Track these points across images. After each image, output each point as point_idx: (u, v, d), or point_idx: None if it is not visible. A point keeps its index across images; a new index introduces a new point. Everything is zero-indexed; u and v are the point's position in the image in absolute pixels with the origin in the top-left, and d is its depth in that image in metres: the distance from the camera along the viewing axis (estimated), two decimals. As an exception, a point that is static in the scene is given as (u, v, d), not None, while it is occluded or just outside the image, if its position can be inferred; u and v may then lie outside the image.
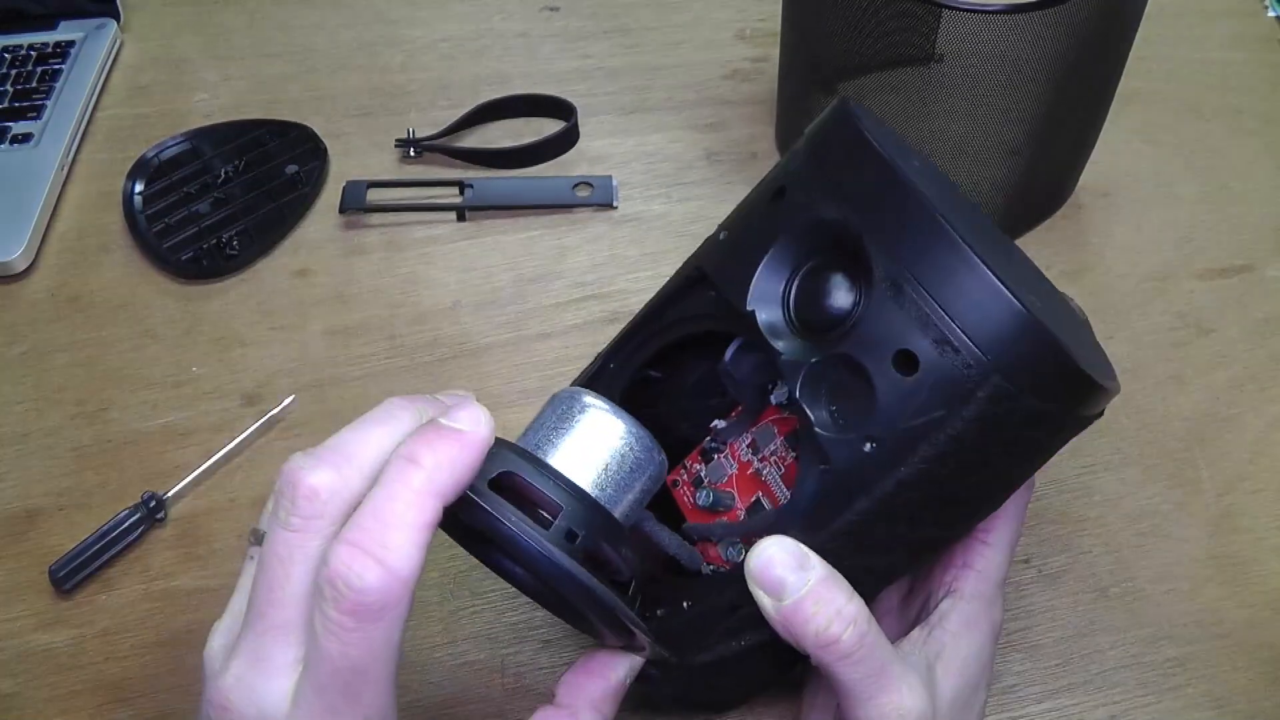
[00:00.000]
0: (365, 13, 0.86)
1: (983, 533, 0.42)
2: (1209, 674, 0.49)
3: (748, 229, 0.41)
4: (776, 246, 0.38)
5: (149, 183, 0.72)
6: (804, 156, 0.39)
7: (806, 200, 0.38)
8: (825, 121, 0.39)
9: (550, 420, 0.35)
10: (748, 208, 0.42)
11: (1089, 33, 0.56)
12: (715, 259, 0.41)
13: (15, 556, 0.55)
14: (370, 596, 0.28)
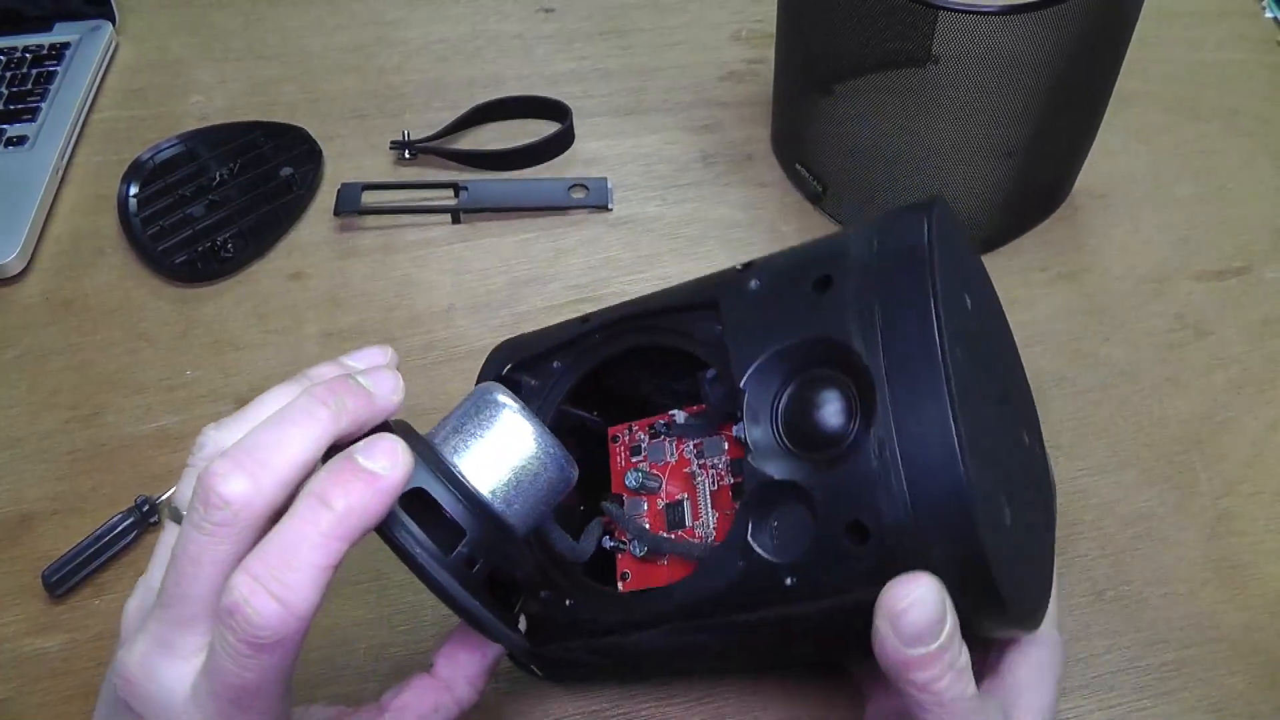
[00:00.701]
0: (360, 15, 0.86)
1: (1010, 706, 0.39)
2: (1206, 678, 0.49)
3: (777, 304, 0.38)
4: (795, 344, 0.36)
5: (144, 185, 0.72)
6: (864, 247, 0.37)
7: (843, 309, 0.35)
8: (902, 221, 0.37)
9: (469, 422, 0.35)
10: (788, 278, 0.38)
11: (1085, 34, 0.56)
12: (734, 308, 0.39)
13: (8, 561, 0.54)
14: (266, 633, 0.29)
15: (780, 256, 0.40)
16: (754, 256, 0.67)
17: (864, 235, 0.37)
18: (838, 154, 0.67)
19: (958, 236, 0.39)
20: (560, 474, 0.36)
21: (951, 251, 0.37)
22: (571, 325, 0.45)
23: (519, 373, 0.44)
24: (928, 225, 0.36)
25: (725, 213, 0.70)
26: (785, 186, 0.72)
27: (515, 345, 0.47)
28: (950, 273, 0.35)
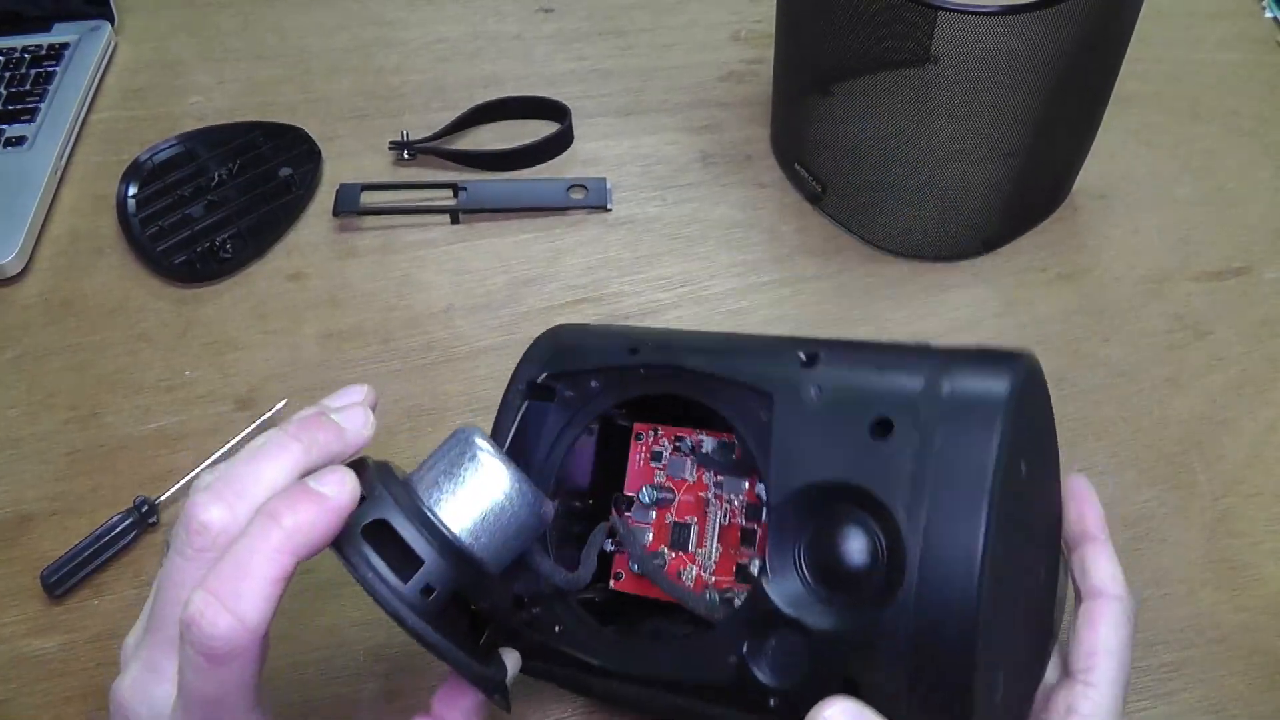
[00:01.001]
0: (359, 15, 0.86)
1: (1082, 672, 0.38)
2: (1205, 679, 0.49)
3: (831, 434, 0.35)
4: (839, 485, 0.34)
5: (143, 186, 0.72)
6: (936, 391, 0.34)
7: (896, 470, 0.33)
8: (983, 377, 0.34)
9: (443, 461, 0.36)
10: (848, 405, 0.35)
11: (1085, 34, 0.56)
12: (788, 418, 0.36)
13: (7, 562, 0.54)
14: (218, 643, 0.31)
15: (847, 360, 0.37)
16: (752, 255, 0.67)
17: (940, 371, 0.35)
18: (837, 154, 0.67)
19: (1037, 391, 0.38)
20: (532, 514, 0.36)
21: (1025, 411, 0.35)
22: (617, 343, 0.42)
23: (556, 381, 0.43)
24: (1009, 393, 0.33)
25: (724, 213, 0.70)
26: (784, 187, 0.72)
27: (561, 344, 0.44)
28: (1016, 439, 0.33)
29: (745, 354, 0.39)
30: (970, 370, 0.35)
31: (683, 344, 0.41)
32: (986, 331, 0.63)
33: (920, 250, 0.67)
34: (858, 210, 0.68)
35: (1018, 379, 0.34)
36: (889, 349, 0.38)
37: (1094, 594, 0.39)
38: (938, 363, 0.35)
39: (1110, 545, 0.40)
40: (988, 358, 0.35)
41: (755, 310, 0.65)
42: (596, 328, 0.46)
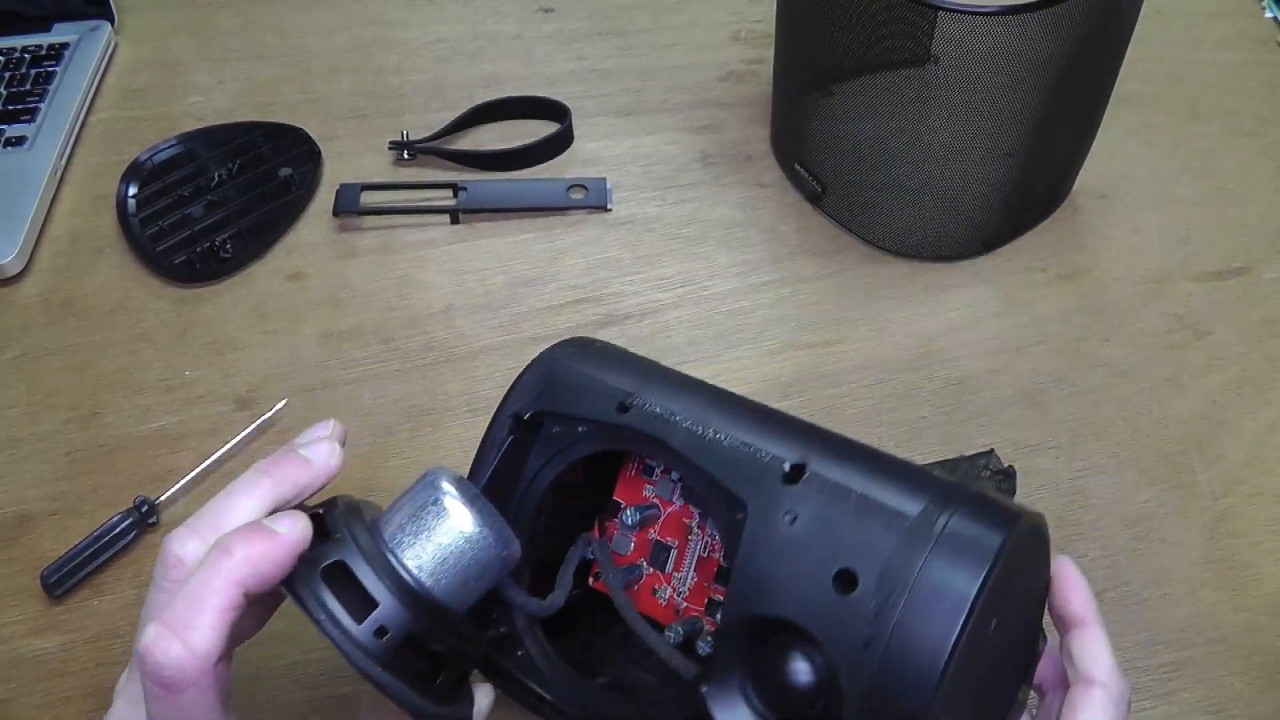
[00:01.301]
0: (359, 15, 0.86)
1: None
2: (1205, 679, 0.49)
3: (797, 569, 0.34)
4: (796, 625, 0.33)
5: (143, 186, 0.72)
6: (899, 565, 0.32)
7: (852, 630, 0.32)
8: (960, 550, 0.32)
9: (409, 504, 0.36)
10: (818, 545, 0.34)
11: (1085, 34, 0.56)
12: (758, 538, 0.35)
13: (7, 562, 0.54)
14: (169, 671, 0.32)
15: (831, 487, 0.35)
16: (752, 255, 0.67)
17: (921, 531, 0.33)
18: (837, 154, 0.67)
19: (1027, 554, 0.36)
20: (496, 558, 0.36)
21: (1005, 579, 0.33)
22: (609, 394, 0.41)
23: (545, 417, 0.43)
24: (979, 587, 0.31)
25: (724, 213, 0.70)
26: (784, 187, 0.72)
27: (555, 380, 0.43)
28: (985, 615, 0.32)
29: (733, 444, 0.37)
30: (950, 547, 0.32)
31: (676, 412, 0.39)
32: (986, 331, 0.63)
33: (920, 250, 0.67)
34: (858, 210, 0.68)
35: (995, 564, 0.32)
36: (884, 475, 0.35)
37: (1079, 680, 0.38)
38: (924, 517, 0.33)
39: (1099, 628, 0.38)
40: (980, 524, 0.33)
41: (755, 310, 0.65)
42: (594, 361, 0.43)
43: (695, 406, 0.39)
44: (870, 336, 0.63)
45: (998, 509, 0.34)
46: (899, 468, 0.36)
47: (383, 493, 0.56)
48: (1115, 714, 0.37)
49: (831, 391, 0.60)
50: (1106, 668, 0.37)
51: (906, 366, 0.62)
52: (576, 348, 0.44)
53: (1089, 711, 0.37)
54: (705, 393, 0.40)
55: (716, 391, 0.41)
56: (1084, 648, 0.38)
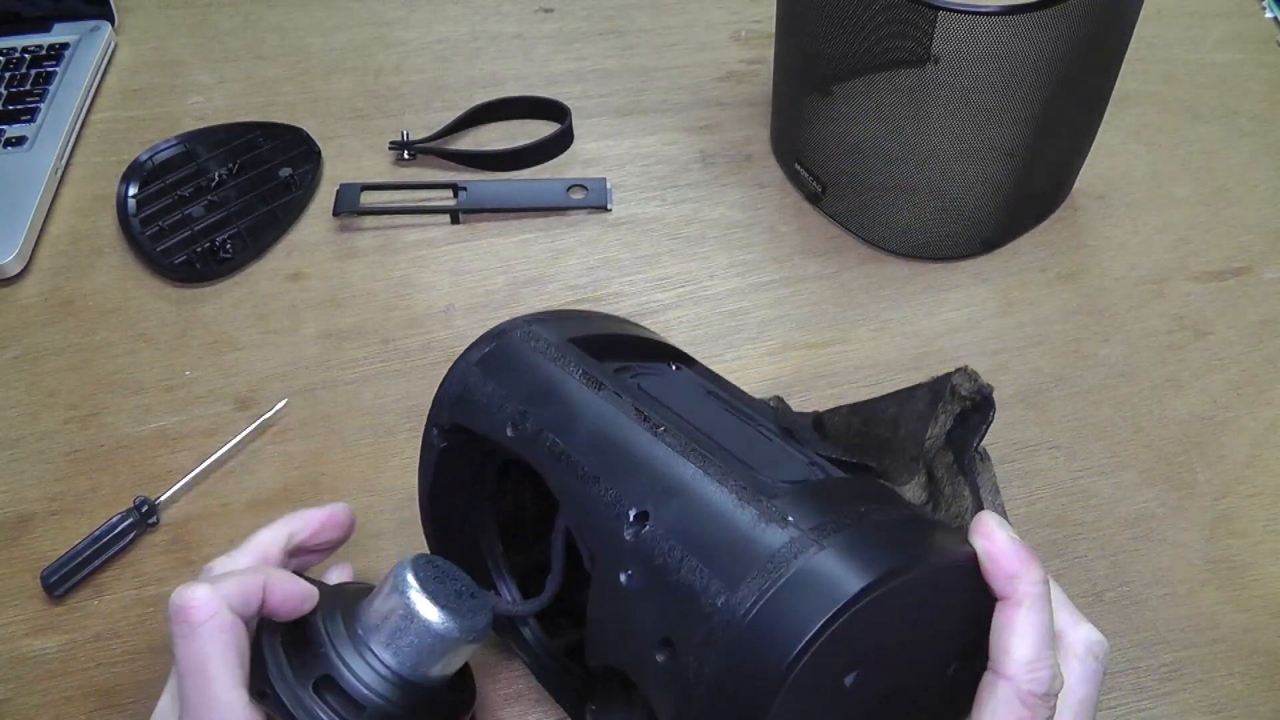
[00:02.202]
0: (359, 15, 0.86)
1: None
2: (1205, 679, 0.49)
3: (625, 631, 0.34)
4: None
5: (143, 186, 0.72)
6: (715, 638, 0.31)
7: (667, 694, 0.32)
8: (774, 633, 0.30)
9: (382, 603, 0.39)
10: (646, 607, 0.33)
11: (1085, 34, 0.56)
12: (601, 584, 0.35)
13: (6, 562, 0.54)
14: (190, 604, 0.36)
15: (667, 539, 0.34)
16: (752, 255, 0.67)
17: (747, 604, 0.31)
18: (837, 154, 0.67)
19: (937, 589, 0.33)
20: (469, 638, 0.39)
21: (876, 624, 0.31)
22: (501, 414, 0.40)
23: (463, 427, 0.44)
24: (780, 679, 0.29)
25: (724, 213, 0.70)
26: (784, 187, 0.72)
27: (465, 389, 0.42)
28: (840, 660, 0.30)
29: (596, 484, 0.36)
30: (769, 624, 0.30)
31: (560, 438, 0.38)
32: (986, 331, 0.63)
33: (920, 250, 0.67)
34: (858, 210, 0.68)
35: (828, 623, 0.29)
36: (743, 508, 0.33)
37: (990, 668, 0.33)
38: (750, 586, 0.31)
39: (1026, 607, 0.32)
40: (806, 605, 0.30)
41: (755, 310, 0.65)
42: (500, 367, 0.42)
43: (582, 429, 0.38)
44: (870, 336, 0.63)
45: (837, 575, 0.30)
46: (748, 516, 0.33)
47: (382, 492, 0.56)
48: (1023, 715, 0.32)
49: (831, 391, 0.60)
50: (1017, 660, 0.32)
51: (906, 366, 0.62)
52: (494, 344, 0.43)
53: (989, 707, 0.32)
54: (605, 406, 0.39)
55: (612, 408, 0.39)
56: (997, 632, 0.33)
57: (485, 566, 0.46)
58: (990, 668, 0.33)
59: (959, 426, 0.43)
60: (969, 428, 0.43)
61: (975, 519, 0.34)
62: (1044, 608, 0.33)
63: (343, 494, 0.56)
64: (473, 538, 0.46)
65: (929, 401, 0.44)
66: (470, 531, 0.46)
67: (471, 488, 0.45)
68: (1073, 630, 0.35)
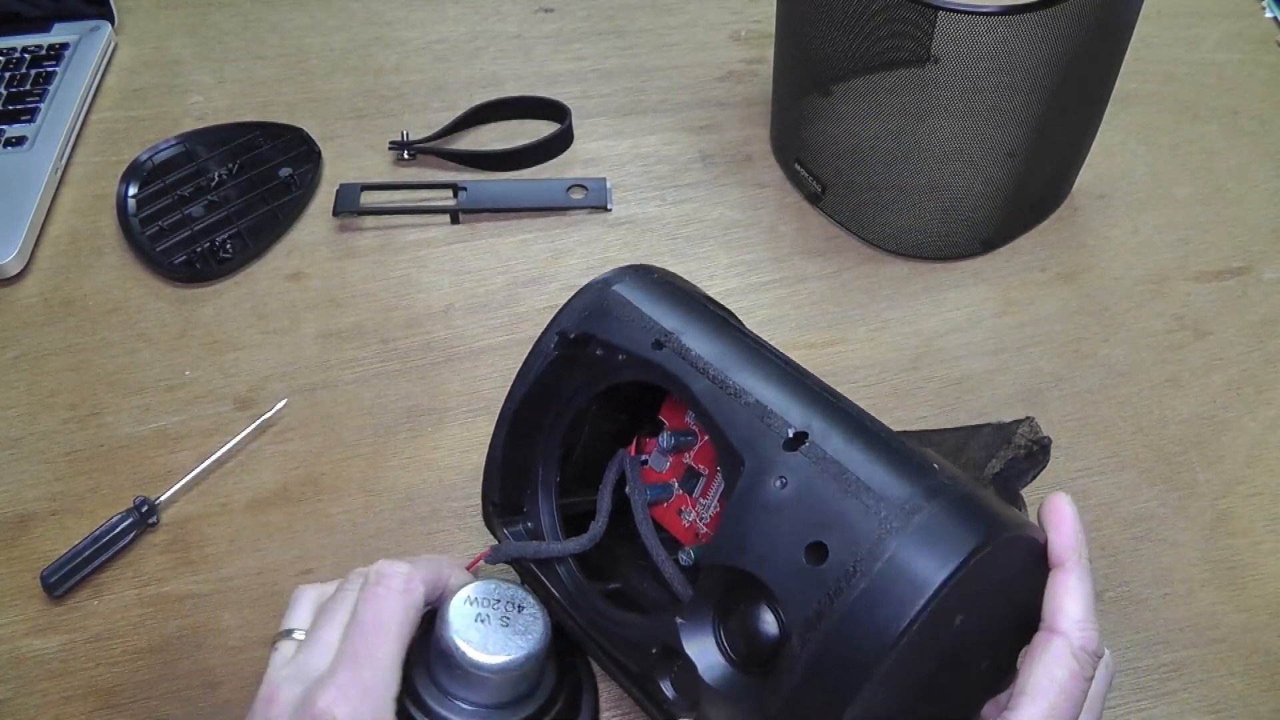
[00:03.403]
0: (359, 15, 0.86)
1: (1008, 711, 0.35)
2: (1205, 679, 0.49)
3: (775, 535, 0.35)
4: (764, 586, 0.35)
5: (142, 186, 0.72)
6: (869, 551, 0.33)
7: (811, 601, 0.33)
8: (931, 552, 0.32)
9: (438, 653, 0.40)
10: (800, 514, 0.35)
11: (1085, 34, 0.56)
12: (747, 492, 0.36)
13: (6, 562, 0.54)
14: (388, 571, 0.40)
15: (827, 461, 0.35)
16: (752, 255, 0.67)
17: (902, 520, 0.33)
18: (837, 154, 0.67)
19: (1000, 564, 0.35)
20: (526, 661, 0.40)
21: (971, 586, 0.33)
22: (649, 328, 0.42)
23: (590, 340, 0.44)
24: (934, 591, 0.31)
25: (724, 213, 0.70)
26: (784, 187, 0.72)
27: (603, 307, 0.43)
28: (942, 616, 0.32)
29: (748, 401, 0.38)
30: (919, 542, 0.32)
31: (707, 358, 0.40)
32: (986, 331, 0.63)
33: (920, 250, 0.67)
34: (858, 210, 0.68)
35: (960, 568, 0.32)
36: (882, 456, 0.35)
37: (1044, 627, 0.36)
38: (908, 505, 0.33)
39: (1079, 575, 0.36)
40: (957, 526, 0.33)
41: (755, 310, 0.65)
42: (645, 293, 0.44)
43: (728, 356, 0.40)
44: (870, 336, 0.63)
45: (982, 512, 0.33)
46: (901, 453, 0.36)
47: (382, 492, 0.56)
48: (1074, 668, 0.34)
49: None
50: (1072, 618, 0.35)
51: (906, 366, 0.62)
52: (633, 276, 0.45)
53: (1044, 661, 0.35)
54: (742, 344, 0.41)
55: (755, 345, 0.41)
56: (1053, 594, 0.36)
57: (535, 489, 0.46)
58: (1044, 627, 0.35)
59: (1008, 468, 0.46)
60: (1021, 472, 0.46)
61: (1050, 498, 0.37)
62: (1089, 580, 0.36)
63: (343, 494, 0.56)
64: (533, 458, 0.46)
65: (993, 435, 0.47)
66: (534, 452, 0.46)
67: (559, 407, 0.45)
68: None
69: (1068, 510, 0.37)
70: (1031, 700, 0.34)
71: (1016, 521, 0.34)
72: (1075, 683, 0.34)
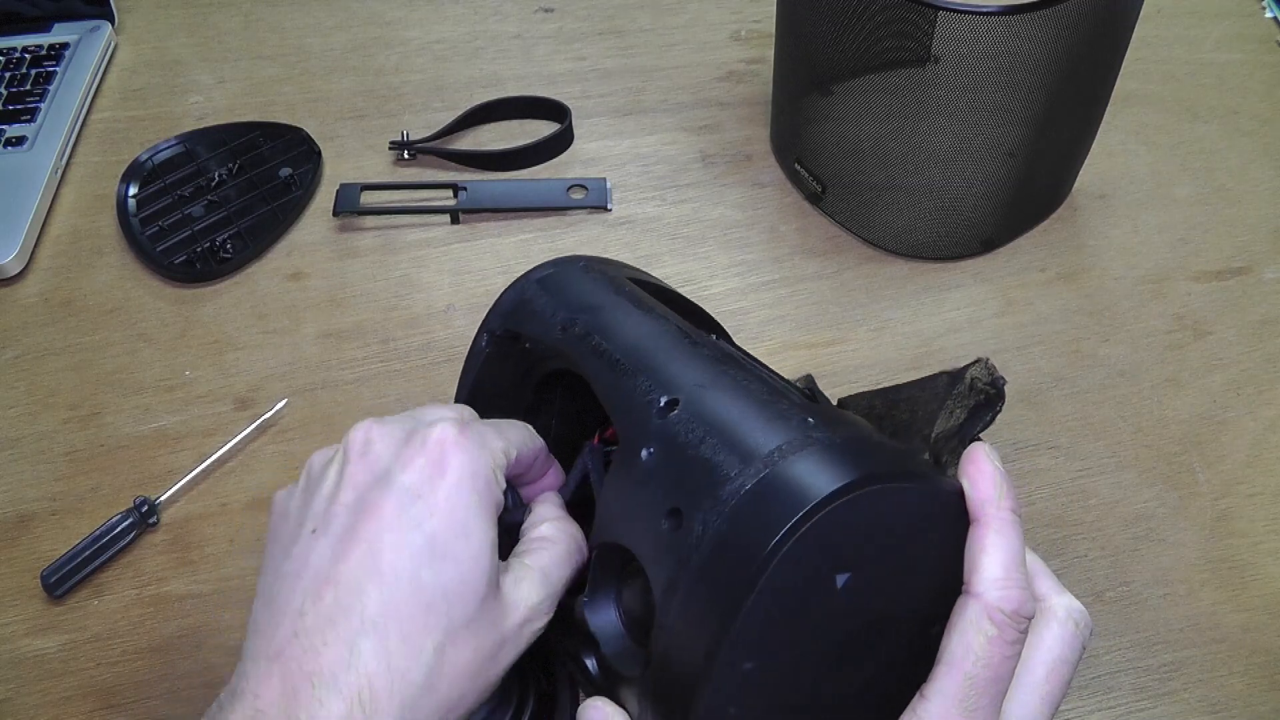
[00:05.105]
0: (359, 14, 0.86)
1: (926, 683, 0.32)
2: (1205, 679, 0.49)
3: (637, 507, 0.34)
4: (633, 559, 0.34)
5: (143, 186, 0.72)
6: (719, 512, 0.31)
7: (670, 566, 0.32)
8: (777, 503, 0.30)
9: None
10: (662, 480, 0.34)
11: (1085, 34, 0.56)
12: (621, 464, 0.35)
13: (7, 562, 0.54)
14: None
15: (697, 422, 0.35)
16: (752, 255, 0.67)
17: (755, 475, 0.31)
18: (837, 154, 0.67)
19: (921, 513, 0.33)
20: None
21: (855, 529, 0.31)
22: (559, 314, 0.43)
23: (516, 334, 0.45)
24: (795, 522, 0.29)
25: (724, 213, 0.70)
26: (784, 186, 0.72)
27: (522, 299, 0.45)
28: (802, 574, 0.30)
29: (632, 375, 0.38)
30: (772, 495, 0.30)
31: (607, 340, 0.40)
32: (986, 331, 0.63)
33: (920, 250, 0.67)
34: (858, 210, 0.68)
35: (805, 521, 0.29)
36: (762, 415, 0.34)
37: (963, 590, 0.32)
38: (767, 461, 0.31)
39: (997, 528, 0.32)
40: (812, 476, 0.30)
41: (755, 310, 0.65)
42: (563, 282, 0.44)
43: (629, 335, 0.40)
44: (870, 336, 0.63)
45: (849, 461, 0.31)
46: (780, 412, 0.34)
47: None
48: (992, 633, 0.31)
49: (831, 391, 0.60)
50: (987, 577, 0.31)
51: (906, 366, 0.62)
52: (557, 267, 0.45)
53: (958, 627, 0.31)
54: (648, 321, 0.41)
55: (662, 320, 0.41)
56: (970, 552, 0.32)
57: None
58: (962, 590, 0.32)
59: (970, 419, 0.44)
60: (978, 419, 0.43)
61: (968, 448, 0.34)
62: (1013, 534, 0.32)
63: (343, 494, 0.56)
64: None
65: (947, 384, 0.45)
66: None
67: (507, 399, 0.45)
68: (1055, 596, 0.34)
69: (984, 460, 0.33)
70: (946, 671, 0.31)
71: (905, 473, 0.32)
72: (995, 648, 0.31)
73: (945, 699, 0.31)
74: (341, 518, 0.34)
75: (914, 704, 0.32)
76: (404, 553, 0.33)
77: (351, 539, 0.33)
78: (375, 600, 0.32)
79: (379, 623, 0.32)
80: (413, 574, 0.32)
